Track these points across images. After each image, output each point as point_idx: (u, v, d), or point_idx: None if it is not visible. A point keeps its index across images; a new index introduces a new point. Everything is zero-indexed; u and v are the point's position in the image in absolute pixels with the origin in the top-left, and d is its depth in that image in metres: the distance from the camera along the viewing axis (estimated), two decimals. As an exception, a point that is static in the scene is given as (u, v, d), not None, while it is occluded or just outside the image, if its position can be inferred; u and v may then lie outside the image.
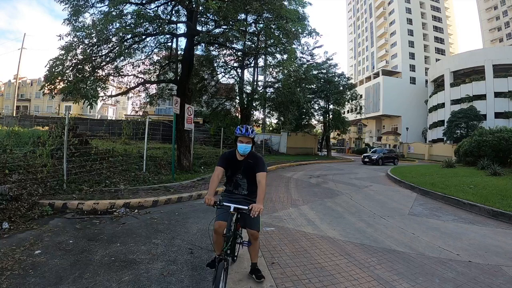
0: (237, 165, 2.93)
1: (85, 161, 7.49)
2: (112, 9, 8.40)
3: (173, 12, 11.38)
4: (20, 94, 54.19)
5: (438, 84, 49.00)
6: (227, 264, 2.62)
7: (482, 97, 39.46)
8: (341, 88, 30.36)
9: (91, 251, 3.60)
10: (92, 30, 8.04)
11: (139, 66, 12.92)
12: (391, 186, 11.30)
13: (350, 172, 15.82)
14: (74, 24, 8.85)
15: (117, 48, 9.08)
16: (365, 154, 26.31)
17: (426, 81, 54.66)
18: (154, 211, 5.71)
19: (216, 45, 14.75)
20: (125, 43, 9.31)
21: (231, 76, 18.98)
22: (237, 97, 18.85)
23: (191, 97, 12.81)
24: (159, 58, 13.97)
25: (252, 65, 19.63)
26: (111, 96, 12.27)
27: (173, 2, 10.62)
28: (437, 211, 6.95)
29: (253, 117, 23.40)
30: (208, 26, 12.16)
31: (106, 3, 9.25)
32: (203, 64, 16.24)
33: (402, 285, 3.16)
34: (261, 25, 12.47)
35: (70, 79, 8.41)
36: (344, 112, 34.40)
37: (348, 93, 31.27)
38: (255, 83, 20.18)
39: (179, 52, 12.81)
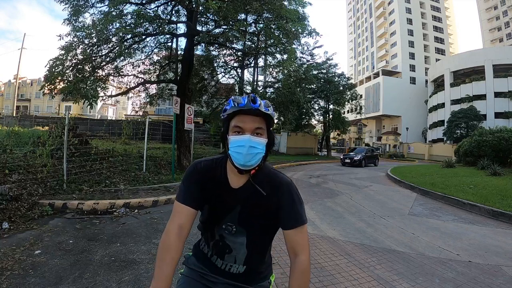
0: (227, 198, 1.22)
1: (85, 161, 7.49)
2: (112, 9, 8.41)
3: (173, 12, 11.40)
4: (20, 94, 54.20)
5: (438, 84, 49.03)
6: None
7: (482, 97, 39.50)
8: (341, 88, 30.35)
9: (91, 251, 3.59)
10: (92, 30, 8.06)
11: (139, 66, 12.96)
12: (391, 186, 11.30)
13: (350, 172, 15.81)
14: (74, 24, 8.87)
15: (117, 48, 9.09)
16: (345, 154, 22.52)
17: (426, 81, 54.72)
18: (154, 211, 5.71)
19: (216, 45, 14.76)
20: (125, 43, 9.32)
21: (231, 76, 19.03)
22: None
23: (191, 97, 12.82)
24: (159, 58, 13.99)
25: (252, 65, 19.66)
26: (111, 96, 12.30)
27: (173, 2, 10.63)
28: (437, 211, 6.95)
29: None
30: (208, 26, 12.18)
31: (106, 3, 9.26)
32: (203, 64, 16.24)
33: (402, 285, 3.16)
34: (261, 25, 12.47)
35: (70, 79, 8.43)
36: (344, 112, 34.38)
37: (348, 93, 31.25)
38: (255, 83, 20.22)
39: (179, 52, 12.83)
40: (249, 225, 1.21)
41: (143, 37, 10.25)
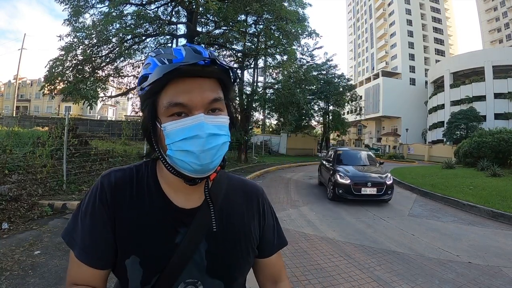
0: (175, 232, 0.68)
1: (85, 162, 7.48)
2: (112, 10, 8.44)
3: (173, 13, 11.44)
4: (20, 94, 54.16)
5: (438, 85, 49.07)
6: None
7: (481, 98, 39.49)
8: (341, 89, 30.41)
9: (91, 252, 3.59)
10: (92, 31, 8.08)
11: (139, 67, 12.95)
12: (391, 187, 11.28)
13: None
14: (74, 24, 8.89)
15: (117, 49, 9.10)
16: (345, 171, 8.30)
17: (426, 82, 54.73)
18: (154, 212, 5.70)
19: (216, 46, 14.76)
20: (125, 43, 9.33)
21: (231, 77, 19.00)
22: (237, 98, 18.86)
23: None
24: (159, 58, 13.99)
25: (252, 66, 19.65)
26: (111, 96, 12.32)
27: (173, 3, 10.65)
28: (437, 212, 6.95)
29: (253, 118, 23.42)
30: (208, 27, 12.22)
31: (106, 4, 9.28)
32: (203, 65, 16.25)
33: (402, 286, 3.16)
34: (261, 26, 12.50)
35: (70, 79, 8.45)
36: (344, 113, 34.44)
37: (348, 94, 31.32)
38: (255, 84, 20.20)
39: (179, 53, 12.83)
40: (227, 272, 0.72)
41: (143, 37, 10.27)
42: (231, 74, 0.65)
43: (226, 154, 0.66)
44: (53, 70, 8.08)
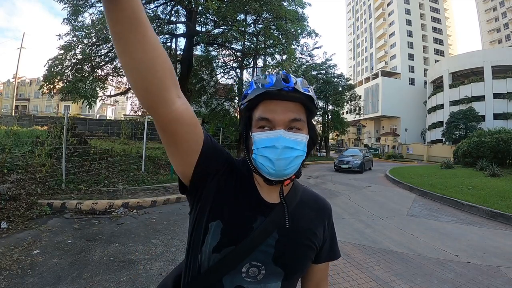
0: (256, 217, 0.79)
1: (84, 161, 7.48)
2: (112, 9, 8.41)
3: (173, 12, 11.43)
4: (19, 93, 53.95)
5: (437, 85, 49.10)
6: None
7: (481, 98, 39.53)
8: (340, 88, 30.35)
9: (90, 251, 3.59)
10: (91, 30, 8.06)
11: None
12: (390, 187, 11.31)
13: (349, 173, 15.82)
14: (74, 23, 8.86)
15: (116, 48, 9.09)
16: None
17: (425, 82, 54.76)
18: (153, 211, 5.71)
19: (215, 46, 14.78)
20: (124, 43, 9.31)
21: (230, 77, 18.99)
22: (236, 98, 18.87)
23: (190, 97, 12.82)
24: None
25: (251, 65, 19.63)
26: (110, 96, 12.29)
27: (172, 2, 10.64)
28: (436, 212, 6.96)
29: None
30: (208, 27, 12.20)
31: (106, 3, 9.26)
32: (202, 65, 16.24)
33: (401, 285, 3.16)
34: (261, 26, 12.48)
35: (69, 78, 8.42)
36: (343, 113, 34.42)
37: (347, 93, 31.25)
38: (254, 83, 20.17)
39: (178, 52, 12.83)
40: (290, 263, 0.80)
41: (143, 37, 10.25)
42: (314, 100, 0.79)
43: (298, 165, 0.79)
44: (52, 69, 8.06)
